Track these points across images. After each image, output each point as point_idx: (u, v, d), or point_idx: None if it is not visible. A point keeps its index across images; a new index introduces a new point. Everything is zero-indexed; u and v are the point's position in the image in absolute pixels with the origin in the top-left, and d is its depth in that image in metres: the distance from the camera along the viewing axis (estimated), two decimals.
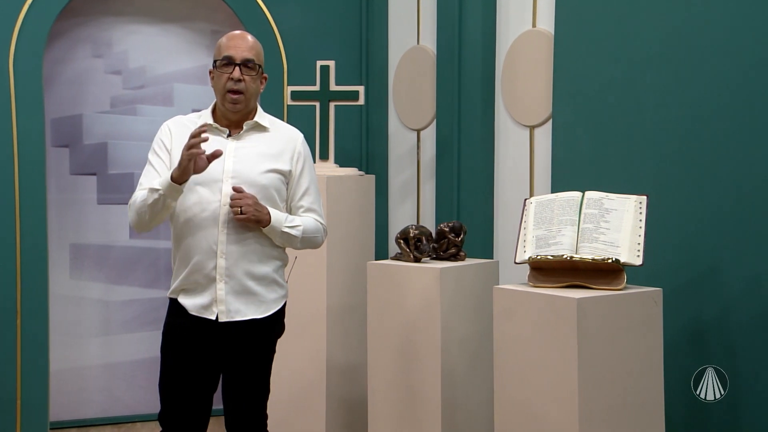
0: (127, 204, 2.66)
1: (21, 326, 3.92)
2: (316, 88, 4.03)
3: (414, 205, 4.37)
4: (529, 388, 2.56)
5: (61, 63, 4.21)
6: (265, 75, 2.73)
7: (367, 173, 4.30)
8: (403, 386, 3.24)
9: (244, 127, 2.68)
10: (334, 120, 4.03)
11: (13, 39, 3.88)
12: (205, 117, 2.69)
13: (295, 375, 3.90)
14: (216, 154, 2.48)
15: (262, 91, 2.73)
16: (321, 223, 2.77)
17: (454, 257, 3.28)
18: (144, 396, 4.35)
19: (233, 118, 2.67)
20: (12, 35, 3.88)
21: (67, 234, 4.27)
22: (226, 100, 2.63)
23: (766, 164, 2.66)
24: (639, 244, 2.53)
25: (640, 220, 2.57)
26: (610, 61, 3.19)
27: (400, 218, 4.42)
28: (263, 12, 4.32)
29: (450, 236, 3.27)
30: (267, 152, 2.68)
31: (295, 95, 4.06)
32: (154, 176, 2.60)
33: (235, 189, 2.56)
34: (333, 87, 4.02)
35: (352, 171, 4.06)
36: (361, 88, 4.05)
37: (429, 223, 4.12)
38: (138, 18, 4.33)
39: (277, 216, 2.63)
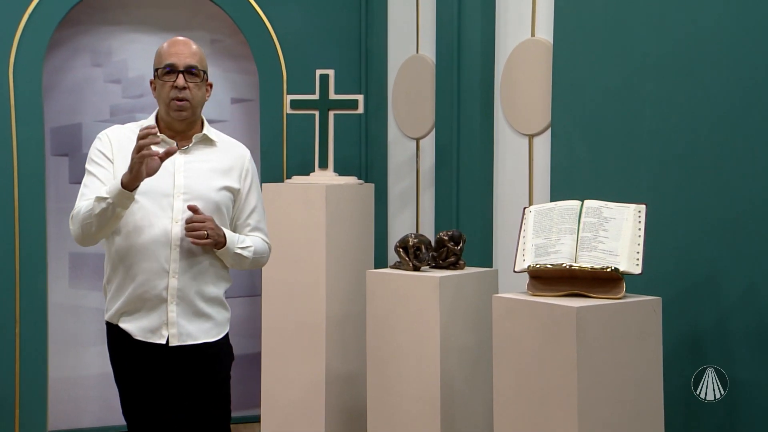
0: None
1: (20, 335, 3.91)
2: (316, 96, 4.03)
3: (413, 213, 4.37)
4: (528, 397, 2.56)
5: (60, 72, 4.22)
6: (210, 82, 2.60)
7: (366, 182, 4.31)
8: (402, 395, 3.24)
9: (194, 140, 2.55)
10: (333, 129, 4.04)
11: (13, 48, 3.89)
12: None
13: (293, 384, 3.90)
14: (170, 152, 2.31)
15: (208, 98, 2.60)
16: (267, 243, 2.67)
17: (454, 266, 3.28)
18: None
19: (179, 128, 2.54)
20: (12, 44, 3.88)
21: (66, 243, 4.26)
22: (171, 108, 2.49)
23: (764, 173, 2.66)
24: (638, 252, 2.53)
25: (639, 229, 2.57)
26: (609, 70, 3.19)
27: (400, 227, 4.42)
28: (263, 21, 4.33)
29: (449, 245, 3.27)
30: (217, 168, 2.56)
31: (295, 104, 4.07)
32: (98, 186, 2.45)
33: (190, 208, 2.41)
34: (332, 96, 4.02)
35: (351, 180, 4.06)
36: (360, 97, 4.06)
37: (428, 232, 4.12)
38: (137, 27, 4.34)
39: (231, 237, 2.51)
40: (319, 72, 4.04)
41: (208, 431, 2.55)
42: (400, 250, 3.26)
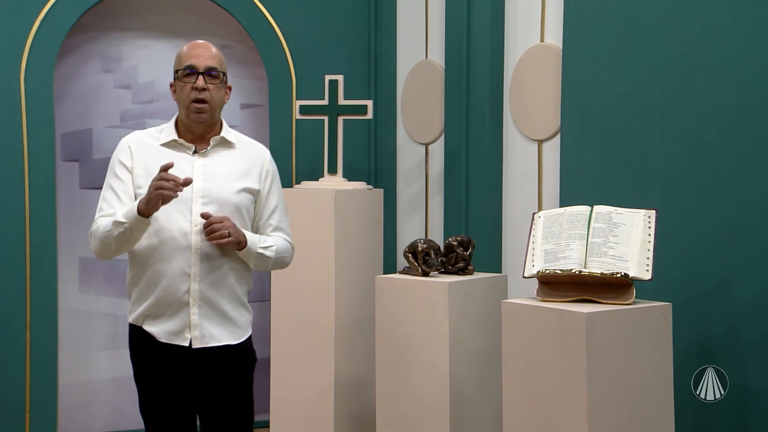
0: None
1: (30, 340, 3.93)
2: (325, 102, 4.04)
3: (422, 218, 4.37)
4: (538, 403, 2.55)
5: (71, 78, 4.24)
6: (229, 85, 2.62)
7: (375, 187, 4.31)
8: (411, 400, 3.23)
9: (211, 143, 2.56)
10: (342, 134, 4.04)
11: (24, 54, 3.91)
12: (168, 131, 2.57)
13: (303, 388, 3.90)
14: (187, 182, 2.35)
15: (227, 101, 2.62)
16: (290, 242, 2.67)
17: (463, 271, 3.28)
18: None
19: (198, 130, 2.55)
20: (23, 51, 3.91)
21: (77, 248, 4.28)
22: (190, 110, 2.51)
23: None
24: (648, 258, 2.52)
25: (649, 234, 2.56)
26: (618, 75, 3.19)
27: (409, 232, 4.42)
28: (272, 26, 4.34)
29: (458, 250, 3.26)
30: (236, 170, 2.57)
31: (304, 109, 4.08)
32: (115, 202, 2.49)
33: (203, 215, 2.43)
34: (341, 101, 4.03)
35: (360, 185, 4.06)
36: (369, 102, 4.07)
37: (437, 237, 4.12)
38: (147, 33, 4.36)
39: (252, 237, 2.52)
40: (328, 77, 4.05)
41: None
42: (409, 255, 3.26)
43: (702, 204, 2.86)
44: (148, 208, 2.35)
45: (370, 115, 4.08)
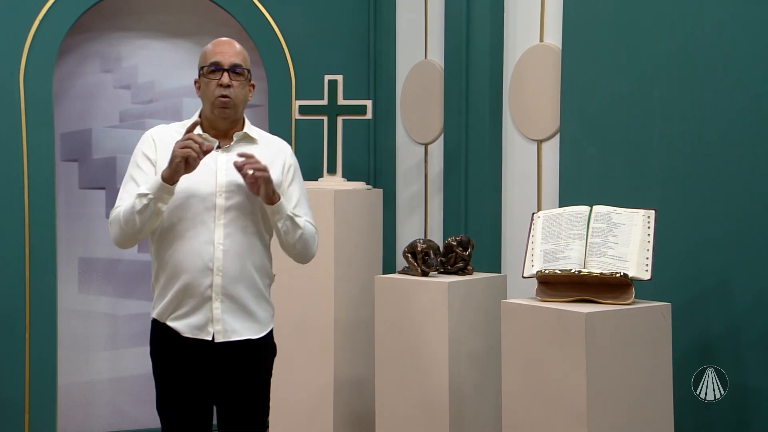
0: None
1: (29, 340, 3.93)
2: (324, 102, 4.04)
3: (421, 219, 4.37)
4: (537, 403, 2.55)
5: (70, 78, 4.24)
6: (252, 83, 2.64)
7: (374, 187, 4.31)
8: (410, 400, 3.23)
9: (234, 138, 2.58)
10: (341, 134, 4.04)
11: (23, 54, 3.91)
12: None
13: (302, 389, 3.90)
14: (208, 149, 2.36)
15: (251, 98, 2.64)
16: (316, 229, 2.69)
17: (462, 271, 3.28)
18: (151, 410, 4.29)
19: (222, 126, 2.58)
20: (23, 51, 3.91)
21: (76, 248, 4.28)
22: (215, 106, 2.53)
23: None
24: (647, 258, 2.52)
25: (649, 234, 2.56)
26: (618, 75, 3.19)
27: (408, 232, 4.42)
28: (271, 27, 4.34)
29: (458, 250, 3.26)
30: None
31: (303, 109, 4.08)
32: (135, 192, 2.45)
33: (236, 165, 2.42)
34: (341, 101, 4.03)
35: (359, 185, 4.06)
36: (368, 102, 4.07)
37: (437, 237, 4.12)
38: (147, 33, 4.36)
39: (283, 198, 2.53)
40: (327, 77, 4.05)
41: (247, 425, 2.60)
42: (409, 255, 3.26)
43: (701, 204, 2.86)
44: (170, 172, 2.36)
45: (369, 115, 4.08)
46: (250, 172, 2.42)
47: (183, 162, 2.34)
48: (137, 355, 4.30)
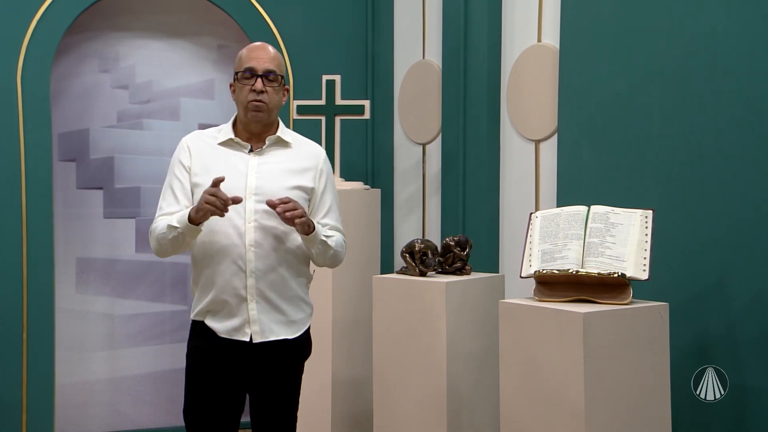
0: (133, 218, 2.63)
1: (27, 340, 3.92)
2: (322, 102, 4.04)
3: (419, 219, 4.37)
4: (535, 402, 2.55)
5: (68, 78, 4.24)
6: (286, 87, 2.68)
7: (372, 187, 4.31)
8: (408, 400, 3.24)
9: (267, 142, 2.61)
10: (339, 134, 4.05)
11: (21, 54, 3.90)
12: (226, 131, 2.63)
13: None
14: (237, 200, 2.41)
15: (284, 103, 2.68)
16: (344, 241, 2.73)
17: (460, 271, 3.28)
18: (149, 410, 4.34)
19: (255, 130, 2.61)
20: (20, 51, 3.90)
21: (74, 248, 4.28)
22: (248, 110, 2.57)
23: None
24: (645, 258, 2.52)
25: (646, 235, 2.56)
26: (616, 76, 3.20)
27: (406, 232, 4.42)
28: (269, 26, 4.34)
29: (455, 250, 3.27)
30: (290, 168, 2.61)
31: (301, 109, 4.08)
32: (172, 202, 2.57)
33: (269, 203, 2.46)
34: (339, 101, 4.03)
35: (357, 185, 4.06)
36: (366, 103, 4.07)
37: (434, 237, 4.12)
38: (145, 33, 4.36)
39: (317, 225, 2.58)
40: (325, 77, 4.05)
41: (280, 420, 2.64)
42: (407, 255, 3.26)
43: (699, 204, 2.86)
44: (198, 217, 2.43)
45: (367, 115, 4.08)
46: (287, 214, 2.45)
47: (208, 213, 2.41)
48: (135, 355, 4.30)
